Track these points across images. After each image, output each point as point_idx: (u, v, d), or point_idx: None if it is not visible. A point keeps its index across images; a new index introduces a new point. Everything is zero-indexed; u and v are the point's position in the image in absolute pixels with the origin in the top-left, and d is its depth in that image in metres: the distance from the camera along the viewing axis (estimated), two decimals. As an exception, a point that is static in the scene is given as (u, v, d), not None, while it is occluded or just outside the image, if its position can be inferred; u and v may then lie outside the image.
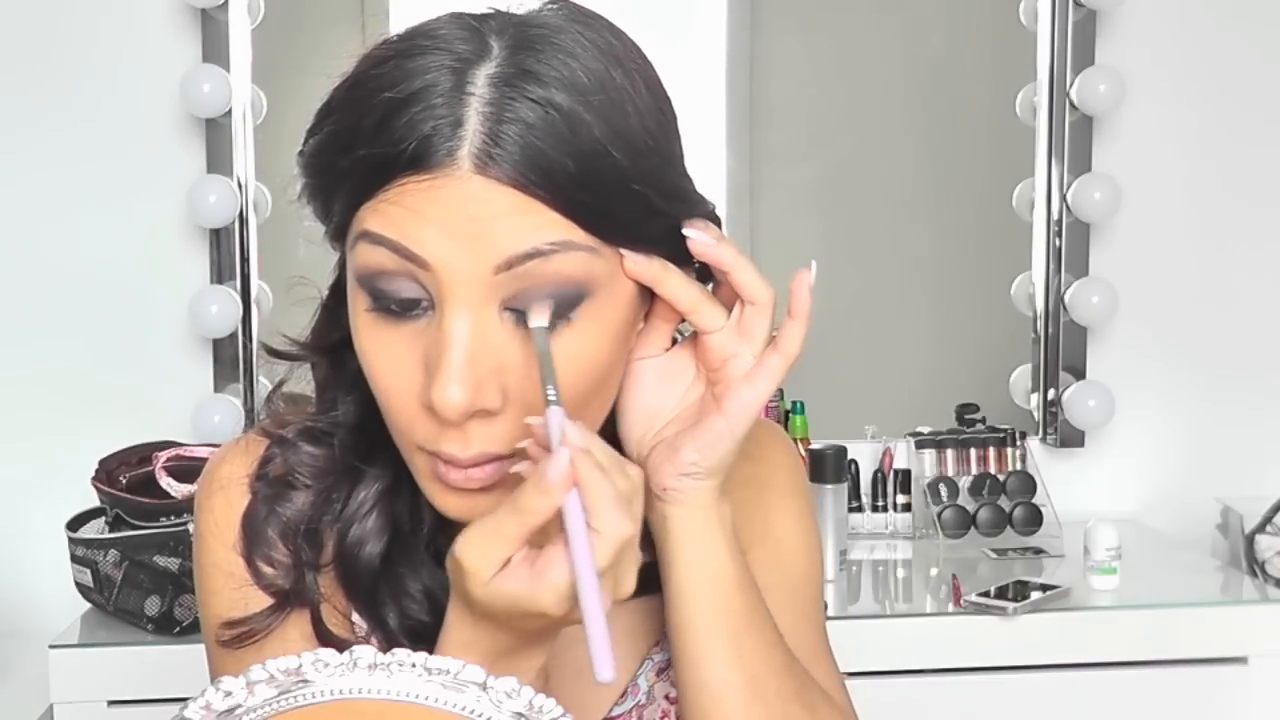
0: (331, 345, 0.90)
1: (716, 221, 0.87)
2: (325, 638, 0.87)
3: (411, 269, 0.77)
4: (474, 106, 0.76)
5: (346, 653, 0.68)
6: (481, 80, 0.76)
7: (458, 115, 0.75)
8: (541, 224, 0.76)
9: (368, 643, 0.88)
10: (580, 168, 0.76)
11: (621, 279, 0.81)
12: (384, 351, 0.80)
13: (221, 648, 0.89)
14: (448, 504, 0.82)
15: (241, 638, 0.88)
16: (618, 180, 0.78)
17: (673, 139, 0.84)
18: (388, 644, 0.87)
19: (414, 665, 0.69)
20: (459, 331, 0.77)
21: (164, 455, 1.81)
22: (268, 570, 0.88)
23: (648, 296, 0.84)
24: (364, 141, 0.77)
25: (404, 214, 0.76)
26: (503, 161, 0.75)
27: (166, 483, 1.78)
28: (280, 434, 0.91)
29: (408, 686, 0.68)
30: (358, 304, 0.80)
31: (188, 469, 1.79)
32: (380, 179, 0.77)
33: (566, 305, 0.78)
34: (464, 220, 0.76)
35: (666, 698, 0.94)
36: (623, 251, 0.80)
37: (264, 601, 0.88)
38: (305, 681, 0.67)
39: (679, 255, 0.83)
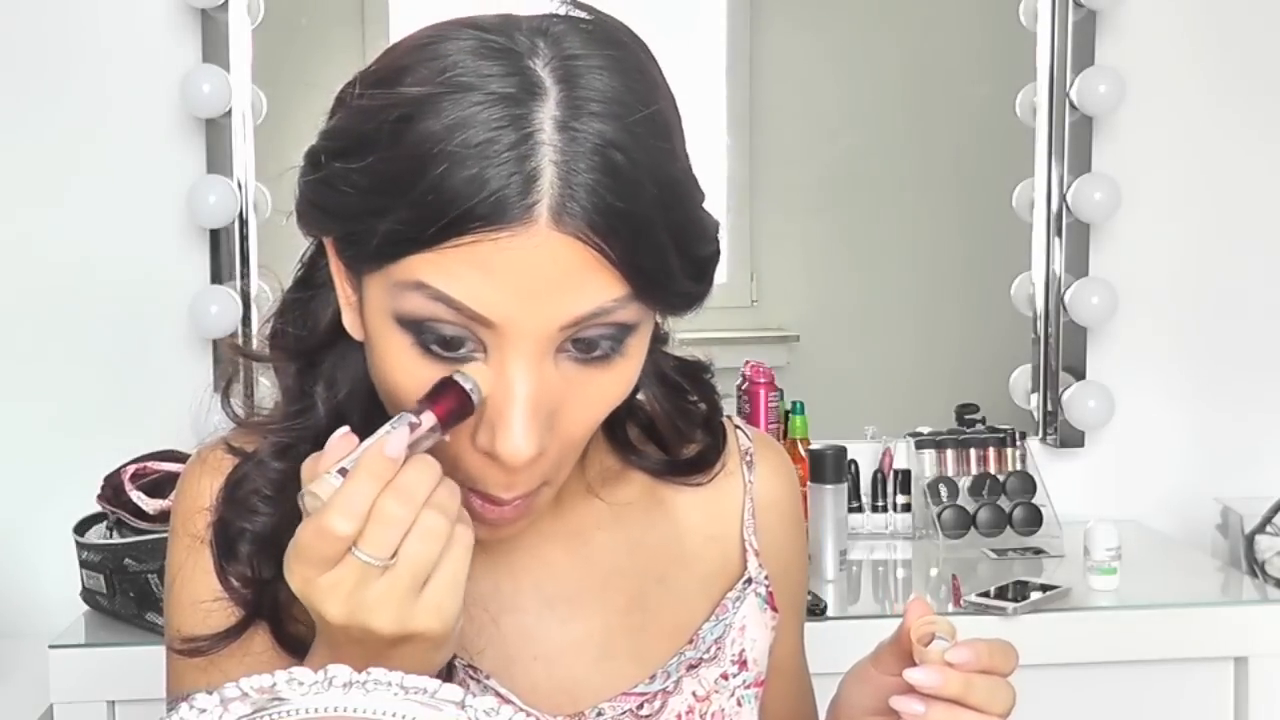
0: (308, 349, 0.89)
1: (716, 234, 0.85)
2: (293, 647, 0.88)
3: (472, 325, 0.77)
4: (547, 156, 0.74)
5: (321, 671, 0.68)
6: (549, 126, 0.75)
7: (533, 167, 0.74)
8: (607, 281, 0.76)
9: None
10: (638, 216, 0.76)
11: (649, 310, 0.81)
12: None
13: (178, 655, 0.91)
14: (478, 532, 0.83)
15: (199, 651, 0.89)
16: (662, 221, 0.78)
17: (687, 155, 0.84)
18: None
19: (390, 683, 0.68)
20: (523, 385, 0.77)
21: (130, 470, 1.79)
22: (237, 586, 0.88)
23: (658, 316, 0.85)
24: (425, 189, 0.74)
25: (469, 271, 0.75)
26: (578, 216, 0.74)
27: (137, 496, 1.77)
28: (247, 451, 0.90)
29: (384, 704, 0.67)
30: (393, 340, 0.79)
31: (155, 483, 1.78)
32: (446, 232, 0.74)
33: (620, 341, 0.79)
34: (535, 281, 0.75)
35: (694, 694, 0.95)
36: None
37: (226, 620, 0.88)
38: (280, 699, 0.67)
39: (685, 286, 0.83)
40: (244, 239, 2.18)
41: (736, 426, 1.04)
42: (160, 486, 1.76)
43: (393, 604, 0.74)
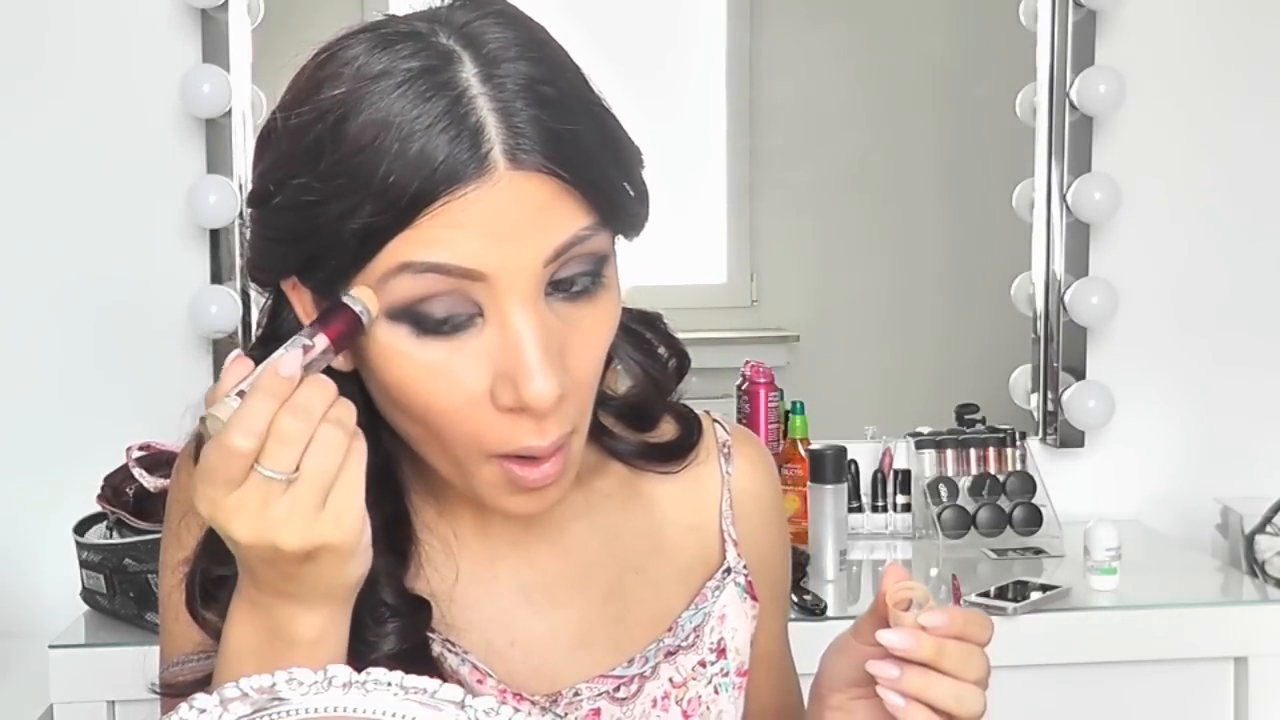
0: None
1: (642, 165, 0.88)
2: None
3: (463, 285, 0.79)
4: (484, 107, 0.78)
5: (320, 671, 0.68)
6: (474, 81, 0.78)
7: (476, 120, 0.77)
8: (573, 210, 0.80)
9: None
10: (581, 138, 0.80)
11: (612, 236, 0.84)
12: (439, 371, 0.80)
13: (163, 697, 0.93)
14: (519, 505, 0.86)
15: (181, 696, 0.89)
16: (601, 141, 0.82)
17: None
18: None
19: (389, 684, 0.68)
20: (527, 329, 0.79)
21: (135, 446, 1.79)
22: (213, 620, 0.88)
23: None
24: (384, 174, 0.77)
25: (447, 234, 0.77)
26: (530, 150, 0.78)
27: (139, 473, 1.77)
28: None
29: (384, 704, 0.68)
30: (391, 339, 0.80)
31: (157, 461, 1.78)
32: (416, 206, 0.77)
33: (598, 274, 0.83)
34: (510, 224, 0.78)
35: (670, 680, 0.97)
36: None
37: (207, 669, 0.88)
38: (280, 699, 0.67)
39: (634, 205, 0.86)
40: (244, 239, 2.17)
41: (715, 420, 1.05)
42: (162, 464, 1.76)
43: (297, 519, 0.75)
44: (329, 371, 0.80)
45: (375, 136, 0.77)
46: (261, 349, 0.89)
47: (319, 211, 0.79)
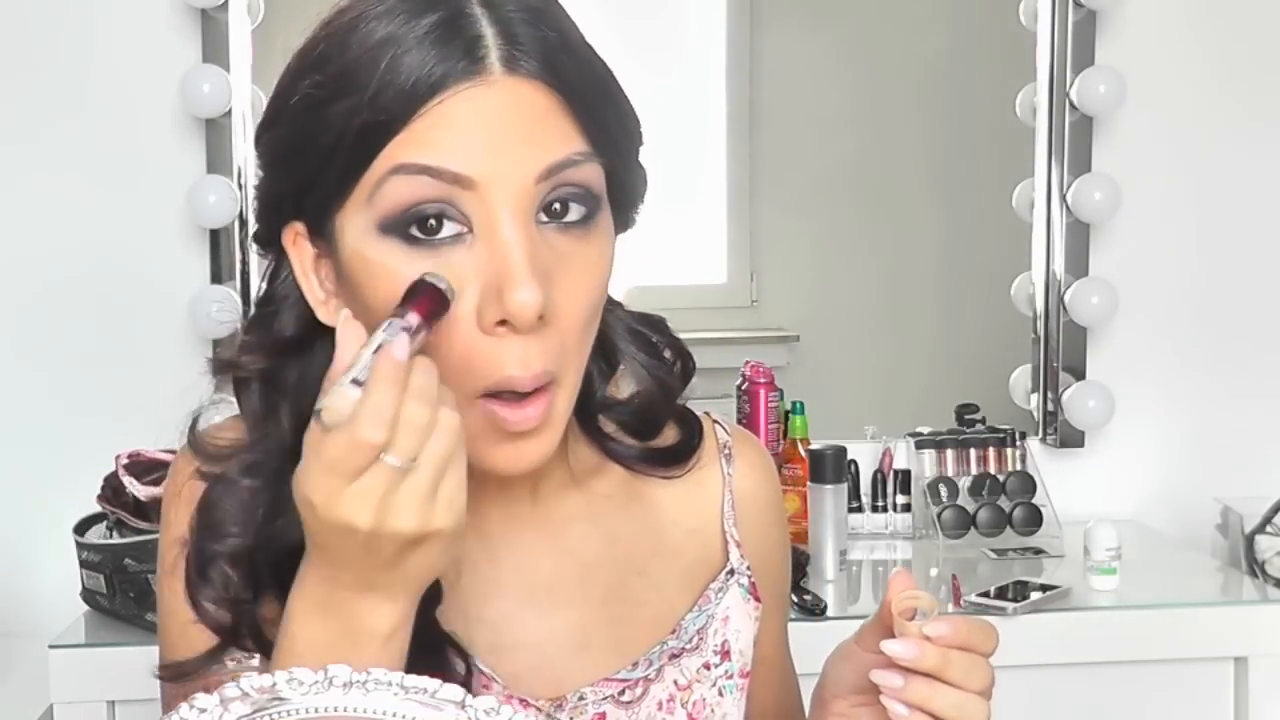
0: (274, 352, 0.89)
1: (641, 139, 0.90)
2: None
3: (454, 194, 0.80)
4: (483, 21, 0.80)
5: (321, 670, 0.68)
6: (475, 4, 0.81)
7: (475, 33, 0.80)
8: (567, 131, 0.81)
9: None
10: (577, 62, 0.82)
11: (603, 174, 0.85)
12: None
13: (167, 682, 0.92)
14: (503, 458, 0.85)
15: (183, 674, 0.89)
16: (598, 78, 0.84)
17: None
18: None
19: (390, 683, 0.68)
20: (515, 240, 0.80)
21: (124, 455, 1.79)
22: (212, 610, 0.88)
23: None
24: (384, 73, 0.79)
25: (440, 135, 0.79)
26: (527, 59, 0.80)
27: (129, 481, 1.77)
28: (217, 473, 0.89)
29: (385, 704, 0.68)
30: (384, 258, 0.81)
31: (147, 467, 1.78)
32: (413, 102, 0.79)
33: (591, 213, 0.84)
34: (503, 131, 0.80)
35: (675, 683, 0.97)
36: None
37: (208, 641, 0.88)
38: (280, 699, 0.67)
39: (631, 163, 0.88)
40: (244, 239, 2.18)
41: (715, 422, 1.05)
42: (153, 472, 1.76)
43: (416, 504, 0.75)
44: (302, 340, 0.81)
45: (377, 43, 0.80)
46: (260, 309, 0.90)
47: (322, 114, 0.81)
